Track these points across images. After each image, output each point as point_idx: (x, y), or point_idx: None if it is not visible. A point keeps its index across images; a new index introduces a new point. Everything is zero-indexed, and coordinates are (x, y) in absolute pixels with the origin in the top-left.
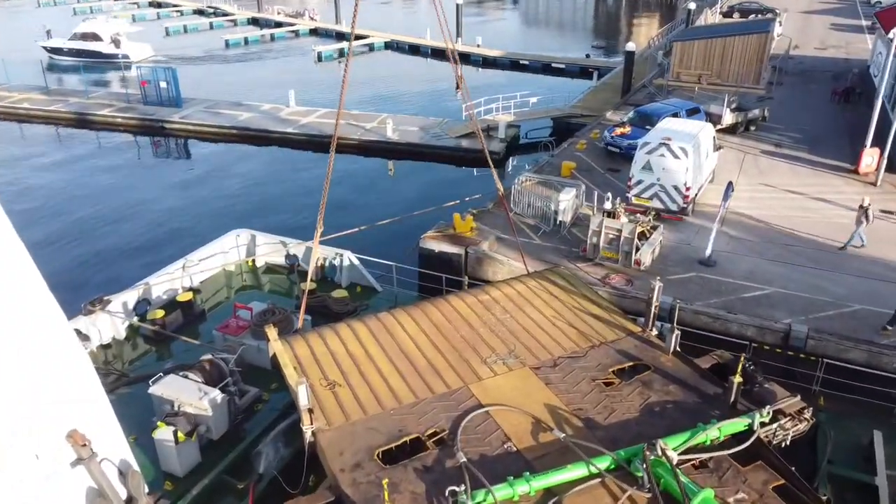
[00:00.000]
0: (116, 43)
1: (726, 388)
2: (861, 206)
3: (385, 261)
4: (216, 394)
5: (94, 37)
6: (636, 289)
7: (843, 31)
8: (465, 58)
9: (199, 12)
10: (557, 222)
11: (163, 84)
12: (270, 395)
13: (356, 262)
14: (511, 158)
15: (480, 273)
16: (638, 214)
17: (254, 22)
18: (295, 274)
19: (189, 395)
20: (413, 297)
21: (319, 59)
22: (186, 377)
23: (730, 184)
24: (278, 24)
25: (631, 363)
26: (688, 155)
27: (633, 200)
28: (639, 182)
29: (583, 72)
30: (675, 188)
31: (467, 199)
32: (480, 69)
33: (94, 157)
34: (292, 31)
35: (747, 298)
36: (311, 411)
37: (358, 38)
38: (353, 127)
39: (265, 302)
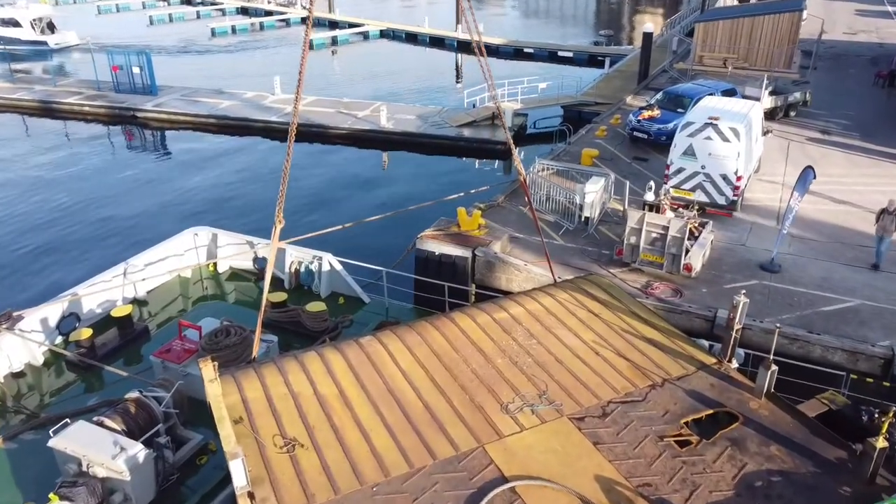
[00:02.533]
0: (50, 28)
1: (852, 449)
2: (887, 211)
3: (374, 266)
4: (138, 449)
5: (14, 23)
6: (687, 301)
7: (870, 16)
8: (467, 46)
9: (187, 1)
10: (582, 219)
11: (136, 70)
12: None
13: (338, 266)
14: (517, 150)
15: (491, 280)
16: (680, 209)
17: (243, 11)
18: (266, 280)
19: (100, 450)
20: (408, 311)
21: (311, 47)
22: (102, 424)
23: (809, 169)
24: (268, 13)
25: (710, 410)
26: (739, 137)
27: (672, 193)
28: (679, 170)
29: (592, 60)
30: (724, 177)
31: (473, 191)
32: (482, 58)
33: (50, 149)
34: (283, 20)
35: (828, 313)
36: (252, 496)
37: (352, 26)
38: (343, 115)
39: (223, 318)
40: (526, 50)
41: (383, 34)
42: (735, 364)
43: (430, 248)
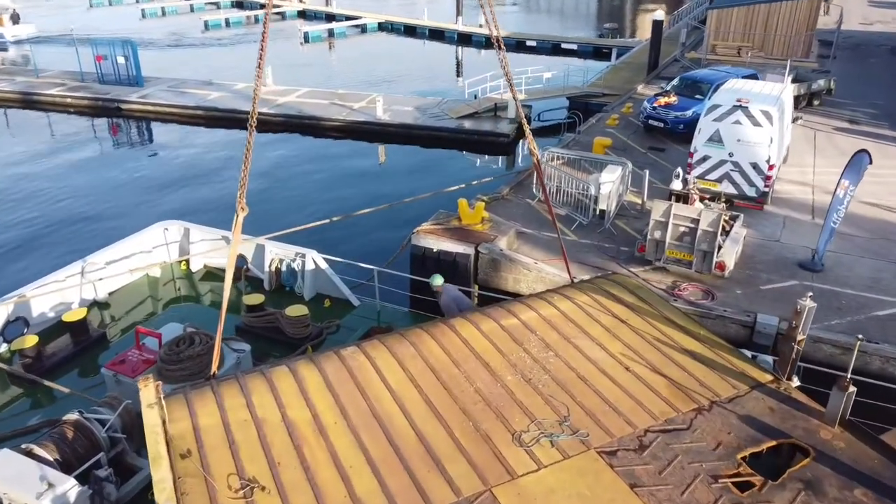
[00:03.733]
0: (14, 20)
1: None
2: None
3: (364, 264)
4: (70, 485)
5: None
6: (720, 304)
7: (884, 7)
8: (467, 39)
9: None
10: (597, 212)
11: (121, 60)
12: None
13: (324, 265)
14: (521, 143)
15: (496, 281)
16: (706, 201)
17: (238, 5)
18: (243, 281)
19: (23, 487)
20: (402, 315)
21: (306, 39)
22: (31, 453)
23: (863, 154)
24: (262, 6)
25: (772, 442)
26: (772, 121)
27: (691, 185)
28: (703, 159)
29: (597, 53)
30: (755, 166)
31: (475, 182)
32: (483, 50)
33: (24, 142)
34: (278, 13)
35: (883, 318)
36: None
37: (349, 18)
38: (336, 107)
39: (186, 323)
40: (528, 42)
41: (381, 27)
42: (795, 383)
43: (427, 244)
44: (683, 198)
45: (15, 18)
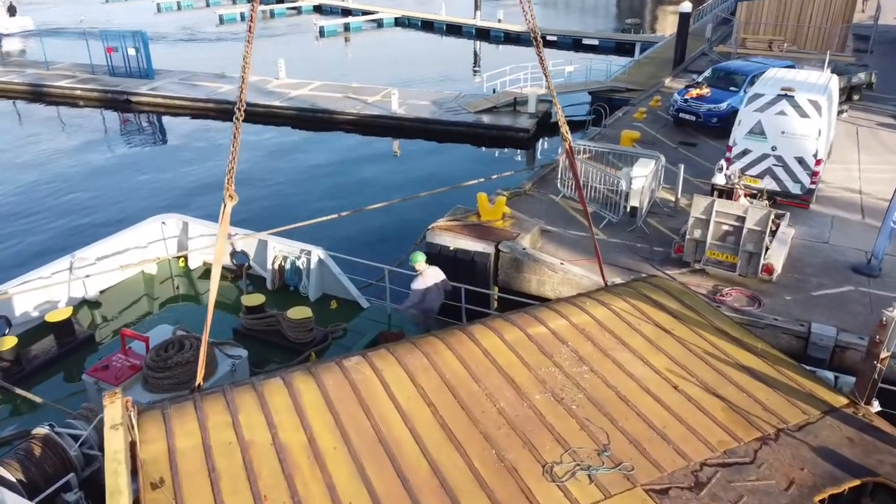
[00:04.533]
0: (10, 12)
1: None
2: None
3: (374, 263)
4: None
5: None
6: (768, 311)
7: None
8: (485, 34)
9: None
10: (627, 209)
11: (131, 51)
12: None
13: (331, 263)
14: (541, 139)
15: (519, 282)
16: (748, 199)
17: None
18: (244, 279)
19: None
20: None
21: (322, 34)
22: None
23: None
24: (279, 1)
25: (855, 481)
26: (820, 112)
27: (735, 179)
28: (743, 153)
29: (619, 48)
30: (800, 161)
31: (494, 176)
32: (501, 45)
33: (27, 134)
34: (294, 8)
35: None
36: None
37: (365, 13)
38: (350, 100)
39: (177, 325)
40: (549, 38)
41: (398, 22)
42: (875, 408)
43: (443, 241)
44: (727, 193)
45: (12, 11)
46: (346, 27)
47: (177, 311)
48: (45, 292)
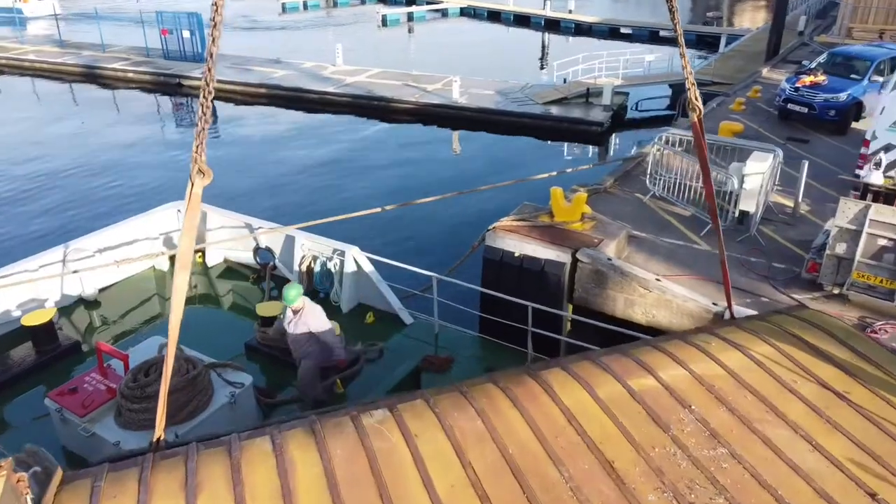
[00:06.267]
0: None
1: None
2: None
3: (421, 270)
4: None
5: None
6: None
7: None
8: (555, 25)
9: None
10: (736, 214)
11: (185, 34)
12: None
13: (369, 267)
14: (614, 135)
15: (600, 301)
16: None
17: None
18: (268, 281)
19: None
20: (469, 341)
21: (384, 23)
22: None
23: None
24: None
25: None
26: None
27: (874, 181)
28: (887, 148)
29: (700, 41)
30: None
31: (569, 170)
32: (572, 38)
33: (67, 115)
34: None
35: None
36: None
37: (429, 2)
38: (409, 88)
39: (160, 341)
40: (623, 30)
41: (464, 12)
42: None
43: (506, 245)
44: (886, 197)
45: None
46: (410, 17)
47: (192, 316)
48: (30, 289)
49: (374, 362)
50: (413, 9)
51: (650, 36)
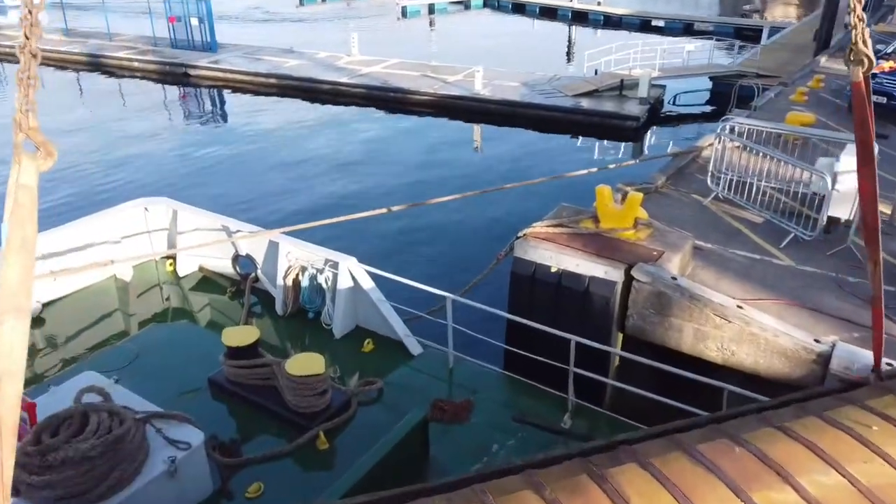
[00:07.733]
0: None
1: None
2: None
3: (433, 288)
4: None
5: None
6: None
7: None
8: (583, 17)
9: None
10: (824, 221)
11: (194, 22)
12: None
13: (369, 283)
14: (651, 130)
15: (661, 331)
16: None
17: None
18: (248, 296)
19: None
20: (492, 380)
21: (404, 14)
22: None
23: None
24: None
25: None
26: None
27: None
28: None
29: (738, 34)
30: None
31: (612, 166)
32: (601, 30)
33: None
34: None
35: None
36: None
37: None
38: (427, 79)
39: (114, 377)
40: (654, 23)
41: (487, 4)
42: None
43: (539, 257)
44: None
45: None
46: (431, 8)
47: (149, 340)
48: None
49: (369, 405)
50: (434, 0)
51: (684, 28)
